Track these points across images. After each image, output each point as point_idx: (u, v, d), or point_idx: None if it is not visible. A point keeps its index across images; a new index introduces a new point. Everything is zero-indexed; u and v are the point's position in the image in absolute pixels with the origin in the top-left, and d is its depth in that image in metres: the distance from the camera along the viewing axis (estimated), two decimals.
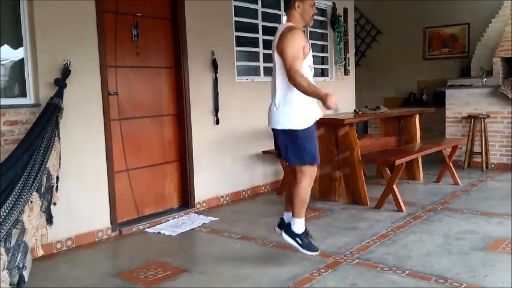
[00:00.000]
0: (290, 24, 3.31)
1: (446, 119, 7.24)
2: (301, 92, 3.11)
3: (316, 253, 3.43)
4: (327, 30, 7.00)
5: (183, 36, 4.81)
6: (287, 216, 3.47)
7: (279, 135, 3.34)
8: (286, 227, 3.41)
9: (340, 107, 3.02)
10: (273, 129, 3.36)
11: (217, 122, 5.20)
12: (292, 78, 3.09)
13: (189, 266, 3.45)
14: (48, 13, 3.75)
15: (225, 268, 3.40)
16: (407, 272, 3.21)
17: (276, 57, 3.25)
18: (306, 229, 3.42)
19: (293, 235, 3.36)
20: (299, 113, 3.24)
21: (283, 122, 3.26)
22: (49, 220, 3.45)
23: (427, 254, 3.53)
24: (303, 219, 3.38)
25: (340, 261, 3.44)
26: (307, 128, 3.26)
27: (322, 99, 3.00)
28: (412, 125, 6.17)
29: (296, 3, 3.31)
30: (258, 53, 5.85)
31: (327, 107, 3.03)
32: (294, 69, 3.09)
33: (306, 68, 3.23)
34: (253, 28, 5.79)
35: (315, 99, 3.24)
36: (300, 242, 3.36)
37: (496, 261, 3.37)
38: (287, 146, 3.31)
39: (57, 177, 3.53)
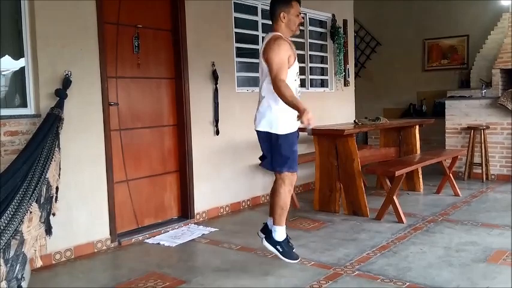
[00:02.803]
0: (276, 33, 3.37)
1: (446, 130, 7.25)
2: (283, 101, 3.16)
3: (296, 261, 3.47)
4: (326, 41, 7.04)
5: (183, 47, 4.84)
6: (270, 222, 3.51)
7: (262, 138, 3.40)
8: (267, 234, 3.46)
9: (312, 126, 3.10)
10: (257, 132, 3.42)
11: (217, 133, 5.20)
12: (277, 87, 3.14)
13: (189, 277, 3.43)
14: (50, 24, 3.77)
15: (225, 279, 3.39)
16: (407, 283, 3.19)
17: (263, 65, 3.32)
18: (287, 237, 3.47)
19: (274, 242, 3.41)
20: (281, 119, 3.30)
21: (265, 125, 3.33)
22: (48, 231, 3.44)
23: (427, 266, 3.52)
24: (284, 227, 3.44)
25: (341, 272, 3.43)
26: (288, 134, 3.31)
27: (300, 113, 3.05)
28: (412, 136, 6.17)
29: (281, 14, 3.37)
30: (257, 64, 5.84)
31: (301, 122, 3.09)
32: (278, 78, 3.15)
33: (291, 77, 3.28)
34: (253, 39, 5.82)
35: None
36: (280, 249, 3.41)
37: (497, 272, 3.35)
38: (268, 150, 3.38)
39: (57, 188, 3.53)
